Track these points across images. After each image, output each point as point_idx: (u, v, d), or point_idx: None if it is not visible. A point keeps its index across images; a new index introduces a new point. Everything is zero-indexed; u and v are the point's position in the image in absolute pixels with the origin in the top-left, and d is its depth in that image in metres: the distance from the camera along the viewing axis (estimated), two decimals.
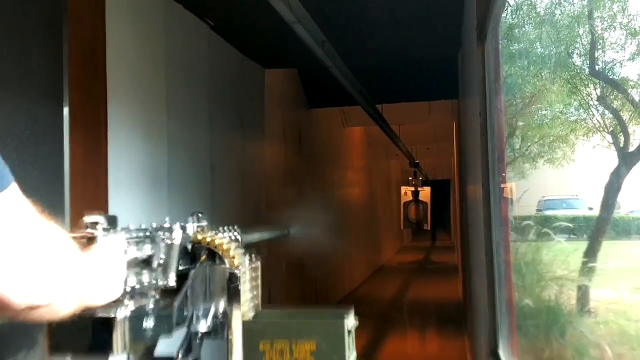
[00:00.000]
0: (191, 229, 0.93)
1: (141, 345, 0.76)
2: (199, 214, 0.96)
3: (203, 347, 0.92)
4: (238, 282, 0.92)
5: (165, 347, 0.86)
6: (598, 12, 5.95)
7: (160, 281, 0.82)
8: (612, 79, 5.83)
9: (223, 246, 0.95)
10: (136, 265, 0.78)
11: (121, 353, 0.70)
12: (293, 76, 6.26)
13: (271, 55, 5.28)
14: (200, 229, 0.96)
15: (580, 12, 6.13)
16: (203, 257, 0.92)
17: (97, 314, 0.70)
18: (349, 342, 1.39)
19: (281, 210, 5.56)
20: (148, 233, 0.81)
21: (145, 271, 0.79)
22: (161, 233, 0.83)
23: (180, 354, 0.87)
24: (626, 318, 4.57)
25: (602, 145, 6.04)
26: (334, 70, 4.55)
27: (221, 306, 0.92)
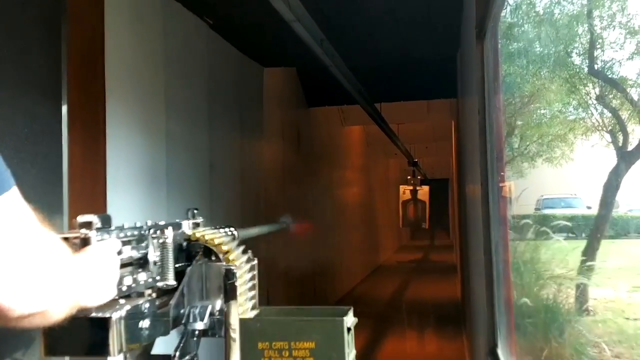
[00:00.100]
0: (187, 226, 0.93)
1: (138, 344, 0.76)
2: (195, 211, 0.96)
3: (201, 346, 0.92)
4: (235, 279, 0.92)
5: (162, 346, 0.86)
6: (597, 11, 5.95)
7: (157, 281, 0.82)
8: (611, 78, 5.83)
9: (219, 243, 0.94)
10: (131, 264, 0.78)
11: (118, 353, 0.70)
12: (292, 75, 6.25)
13: (270, 54, 5.28)
14: (196, 226, 0.96)
15: (579, 11, 6.13)
16: (199, 255, 0.92)
17: (93, 314, 0.70)
18: (349, 340, 1.39)
19: (280, 208, 5.56)
20: (142, 232, 0.81)
21: (140, 270, 0.79)
22: (155, 231, 0.83)
23: (177, 353, 0.87)
24: (624, 316, 4.58)
25: (601, 144, 6.04)
26: (333, 69, 4.55)
27: (218, 304, 0.92)
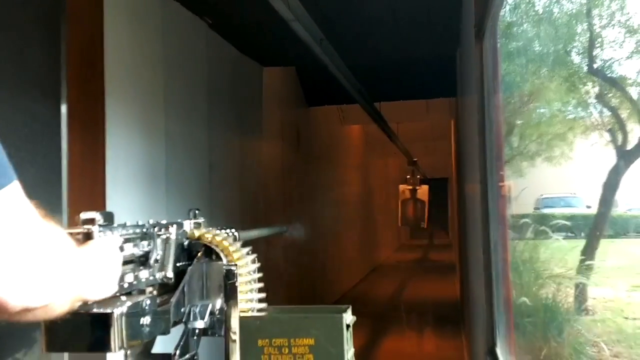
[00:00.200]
0: (188, 226, 0.93)
1: (138, 342, 0.76)
2: (196, 211, 0.97)
3: (201, 344, 0.92)
4: (235, 279, 0.92)
5: (162, 345, 0.86)
6: (596, 10, 5.96)
7: (157, 276, 0.82)
8: (611, 77, 5.84)
9: (220, 242, 0.95)
10: (133, 262, 0.78)
11: (118, 349, 0.70)
12: (291, 74, 6.25)
13: (269, 53, 5.28)
14: (197, 226, 0.96)
15: (578, 10, 6.13)
16: (200, 254, 0.92)
17: (94, 311, 0.70)
18: (347, 337, 1.39)
19: (279, 208, 5.56)
20: (145, 230, 0.81)
21: (142, 268, 0.79)
22: (158, 230, 0.83)
23: (177, 352, 0.87)
24: (623, 316, 4.58)
25: (600, 143, 6.05)
26: (332, 68, 4.55)
27: (218, 303, 0.92)
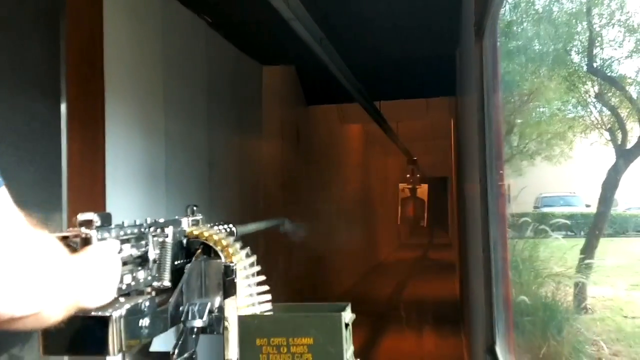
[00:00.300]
0: (186, 223, 0.93)
1: (137, 342, 0.75)
2: (194, 208, 0.96)
3: (199, 343, 0.92)
4: (234, 276, 0.92)
5: (161, 344, 0.86)
6: (596, 9, 5.95)
7: (155, 280, 0.81)
8: (610, 76, 5.84)
9: (218, 240, 0.94)
10: (131, 262, 0.78)
11: (117, 352, 0.70)
12: (291, 73, 6.25)
13: (269, 52, 5.28)
14: (195, 223, 0.95)
15: (578, 9, 6.13)
16: (198, 252, 0.92)
17: (92, 313, 0.69)
18: (346, 336, 1.39)
19: (279, 206, 5.56)
20: (142, 229, 0.80)
21: (140, 268, 0.79)
22: (155, 230, 0.82)
23: (176, 350, 0.87)
24: (623, 315, 4.59)
25: (600, 142, 6.05)
26: (332, 67, 4.55)
27: (217, 301, 0.92)
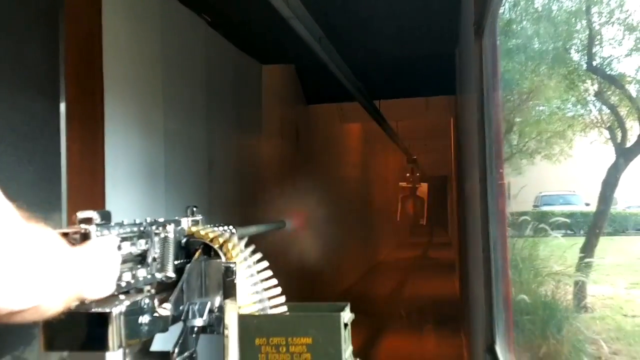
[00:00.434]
0: (186, 223, 0.93)
1: (137, 340, 0.76)
2: (194, 208, 0.96)
3: (199, 342, 0.92)
4: (233, 276, 0.92)
5: (161, 343, 0.86)
6: (596, 8, 5.95)
7: (157, 275, 0.82)
8: (610, 75, 5.84)
9: (218, 239, 0.94)
10: (130, 260, 0.78)
11: (117, 348, 0.70)
12: (290, 72, 6.25)
13: (269, 51, 5.27)
14: (195, 223, 0.96)
15: (578, 8, 6.13)
16: (198, 252, 0.92)
17: (92, 310, 0.69)
18: (345, 336, 1.39)
19: (279, 206, 5.56)
20: (142, 228, 0.81)
21: (139, 266, 0.79)
22: (155, 228, 0.83)
23: (176, 350, 0.87)
24: (622, 313, 4.60)
25: (600, 140, 6.05)
26: (332, 66, 4.55)
27: (217, 301, 0.92)
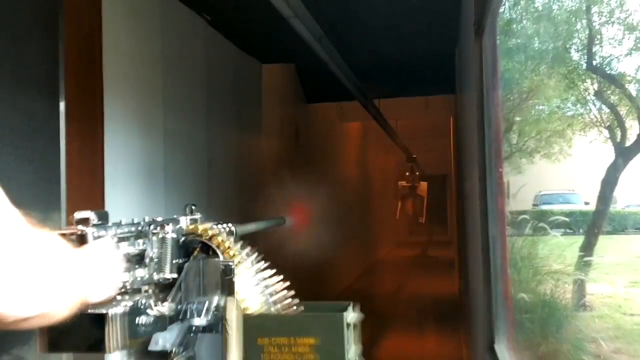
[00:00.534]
0: (184, 222, 0.93)
1: (136, 340, 0.76)
2: (192, 207, 0.96)
3: (199, 342, 0.92)
4: (232, 275, 0.92)
5: (160, 342, 0.86)
6: (596, 7, 5.95)
7: (155, 275, 0.82)
8: (610, 74, 5.84)
9: (216, 238, 0.94)
10: (129, 260, 0.78)
11: (115, 349, 0.70)
12: (290, 71, 6.24)
13: (268, 50, 5.27)
14: (193, 222, 0.95)
15: (578, 7, 6.13)
16: (197, 250, 0.92)
17: (90, 310, 0.69)
18: (349, 336, 1.39)
19: (278, 205, 5.55)
20: (140, 228, 0.81)
21: (137, 266, 0.79)
22: (153, 227, 0.83)
23: (175, 349, 0.87)
24: (622, 312, 4.60)
25: (599, 140, 6.05)
26: (332, 65, 4.55)
27: (216, 300, 0.92)
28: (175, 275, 0.84)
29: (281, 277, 1.10)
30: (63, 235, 0.69)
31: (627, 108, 5.68)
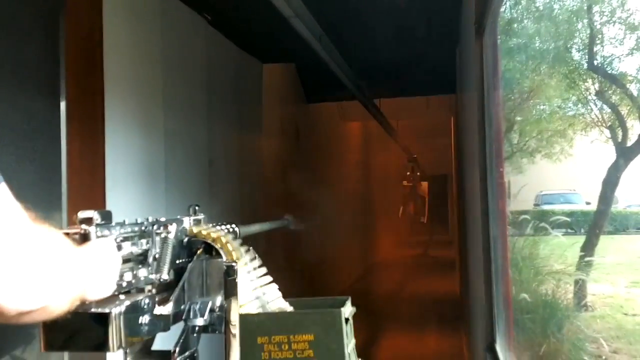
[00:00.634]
0: (187, 223, 0.93)
1: (137, 340, 0.76)
2: (196, 207, 0.96)
3: (201, 342, 0.92)
4: (235, 276, 0.92)
5: (162, 342, 0.86)
6: (597, 7, 5.94)
7: (155, 275, 0.82)
8: (611, 74, 5.83)
9: (219, 239, 0.94)
10: (131, 260, 0.78)
11: (117, 348, 0.70)
12: (291, 71, 6.24)
13: (269, 49, 5.27)
14: (196, 222, 0.95)
15: (579, 7, 6.12)
16: (199, 251, 0.92)
17: (93, 310, 0.69)
18: (347, 331, 1.39)
19: (279, 204, 5.56)
20: (143, 228, 0.81)
21: (140, 266, 0.79)
22: (156, 227, 0.83)
23: (177, 349, 0.87)
24: (623, 312, 4.59)
25: (600, 139, 6.05)
26: (332, 65, 4.55)
27: (218, 300, 0.92)
28: (168, 277, 0.84)
29: (272, 279, 1.10)
30: (66, 234, 0.69)
31: (629, 108, 5.68)
